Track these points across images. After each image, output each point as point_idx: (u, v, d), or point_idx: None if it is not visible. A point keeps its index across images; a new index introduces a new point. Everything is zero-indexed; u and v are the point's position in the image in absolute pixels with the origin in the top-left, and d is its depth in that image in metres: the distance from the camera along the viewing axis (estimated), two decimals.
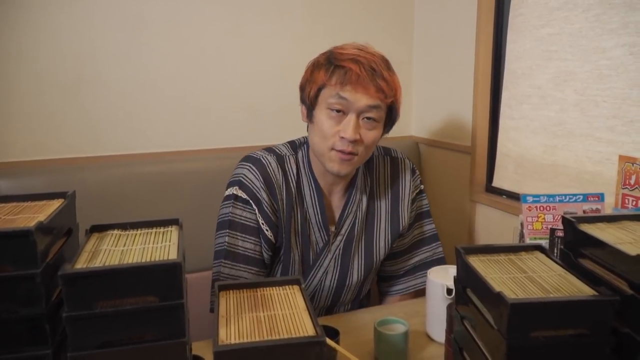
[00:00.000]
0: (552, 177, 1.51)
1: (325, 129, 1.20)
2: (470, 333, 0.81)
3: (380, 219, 1.37)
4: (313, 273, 1.32)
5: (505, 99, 1.68)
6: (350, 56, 1.18)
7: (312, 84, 1.22)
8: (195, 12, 1.78)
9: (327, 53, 1.24)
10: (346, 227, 1.32)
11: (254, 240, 1.27)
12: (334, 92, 1.17)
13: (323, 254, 1.32)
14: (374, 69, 1.18)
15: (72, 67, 1.66)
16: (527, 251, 0.87)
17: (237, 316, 0.75)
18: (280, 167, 1.28)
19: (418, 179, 1.43)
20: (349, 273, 1.34)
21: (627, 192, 1.11)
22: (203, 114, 1.85)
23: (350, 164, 1.23)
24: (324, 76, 1.19)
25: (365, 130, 1.20)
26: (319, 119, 1.21)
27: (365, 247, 1.35)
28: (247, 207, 1.26)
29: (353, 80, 1.16)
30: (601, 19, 1.29)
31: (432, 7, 2.00)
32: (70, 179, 1.64)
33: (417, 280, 1.43)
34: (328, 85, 1.19)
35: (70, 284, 0.65)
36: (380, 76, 1.18)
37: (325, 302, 1.36)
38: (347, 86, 1.16)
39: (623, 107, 1.26)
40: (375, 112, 1.20)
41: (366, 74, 1.16)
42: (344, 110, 1.18)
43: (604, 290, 0.70)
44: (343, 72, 1.17)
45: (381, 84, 1.17)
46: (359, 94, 1.17)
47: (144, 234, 0.82)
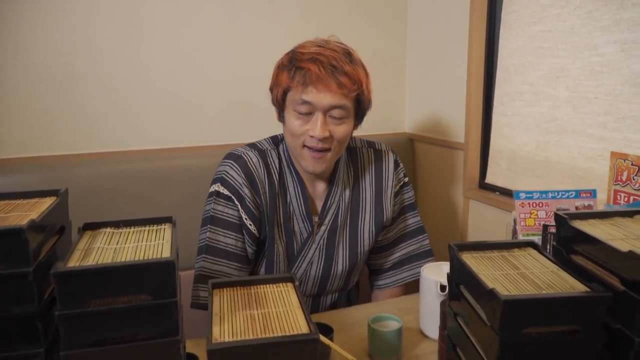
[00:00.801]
0: (544, 173, 1.52)
1: (294, 129, 1.21)
2: (464, 329, 0.81)
3: (365, 209, 1.37)
4: (298, 263, 1.33)
5: (498, 95, 1.68)
6: (310, 56, 1.18)
7: (278, 87, 1.23)
8: (190, 9, 1.77)
9: (290, 53, 1.24)
10: (329, 217, 1.33)
11: (235, 236, 1.28)
12: (298, 95, 1.18)
13: (307, 245, 1.33)
14: (334, 65, 1.17)
15: (66, 63, 1.65)
16: (519, 248, 0.87)
17: (230, 314, 0.75)
18: (262, 161, 1.30)
19: (402, 172, 1.44)
20: (333, 263, 1.35)
21: (619, 188, 1.12)
22: (197, 111, 1.84)
23: (324, 160, 1.24)
24: (287, 78, 1.20)
25: (334, 126, 1.21)
26: (288, 121, 1.23)
27: (350, 237, 1.36)
28: (229, 204, 1.28)
29: (314, 80, 1.16)
30: (593, 15, 1.30)
31: (425, 4, 2.01)
32: (63, 175, 1.64)
33: (404, 274, 1.44)
34: (292, 87, 1.19)
35: (63, 283, 0.65)
36: (342, 72, 1.17)
37: (311, 291, 1.38)
38: (308, 87, 1.17)
39: (615, 104, 1.27)
40: (341, 110, 1.20)
41: (326, 72, 1.16)
42: (310, 111, 1.20)
43: (596, 287, 0.70)
44: (303, 73, 1.17)
45: (342, 80, 1.17)
46: (321, 94, 1.17)
47: (137, 231, 0.82)
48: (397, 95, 2.17)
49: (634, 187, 1.08)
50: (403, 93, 2.17)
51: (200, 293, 1.25)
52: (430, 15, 1.98)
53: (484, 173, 1.80)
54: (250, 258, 1.32)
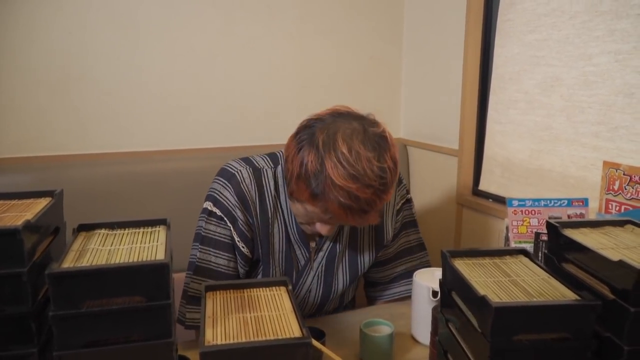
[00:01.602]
0: (538, 181, 1.53)
1: (300, 216, 1.17)
2: (455, 336, 0.82)
3: (364, 233, 1.32)
4: (296, 291, 1.29)
5: (492, 103, 1.69)
6: (342, 194, 1.00)
7: (296, 188, 1.08)
8: (185, 12, 1.77)
9: (317, 165, 1.02)
10: (328, 243, 1.28)
11: (227, 257, 1.24)
12: (316, 213, 1.09)
13: (305, 272, 1.28)
14: (365, 210, 1.03)
15: (61, 65, 1.65)
16: (511, 255, 0.88)
17: (223, 317, 0.75)
18: (256, 182, 1.23)
19: (404, 189, 1.38)
20: (333, 288, 1.31)
21: (611, 198, 1.13)
22: (192, 114, 1.84)
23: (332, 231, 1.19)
24: (309, 198, 1.06)
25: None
26: (297, 207, 1.14)
27: (350, 261, 1.32)
28: (221, 223, 1.23)
29: (346, 214, 1.04)
30: (588, 26, 1.31)
31: (421, 10, 2.02)
32: (58, 176, 1.64)
33: (402, 287, 1.41)
34: (311, 205, 1.07)
35: (57, 283, 0.65)
36: (373, 203, 1.03)
37: (309, 312, 1.35)
38: (340, 217, 1.06)
39: (608, 114, 1.28)
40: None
41: (356, 217, 1.05)
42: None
43: (586, 295, 0.71)
44: (330, 212, 1.05)
45: (371, 212, 1.05)
46: (347, 219, 1.06)
47: (132, 233, 0.82)
48: (393, 100, 2.18)
49: (626, 197, 1.10)
50: (398, 99, 2.18)
51: (186, 314, 1.21)
52: (427, 21, 1.99)
53: (478, 180, 1.81)
54: (241, 277, 1.28)
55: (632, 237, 0.85)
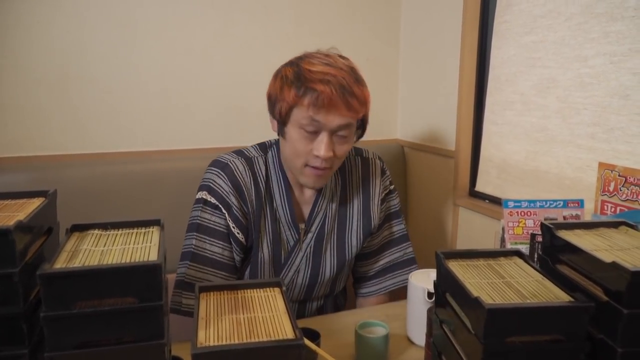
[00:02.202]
0: (534, 182, 1.53)
1: (299, 146, 1.21)
2: (449, 337, 0.82)
3: (353, 217, 1.38)
4: (285, 272, 1.32)
5: (489, 104, 1.70)
6: (320, 76, 1.16)
7: (283, 102, 1.20)
8: (183, 12, 1.77)
9: (295, 67, 1.21)
10: (316, 225, 1.33)
11: (222, 245, 1.27)
12: (307, 114, 1.17)
13: (294, 252, 1.32)
14: (344, 86, 1.16)
15: (59, 65, 1.65)
16: (505, 256, 0.87)
17: (216, 318, 0.75)
18: (249, 169, 1.29)
19: (388, 180, 1.45)
20: (321, 270, 1.35)
21: (606, 199, 1.13)
22: (189, 114, 1.84)
23: (325, 177, 1.25)
24: (296, 96, 1.17)
25: (338, 145, 1.22)
26: (291, 137, 1.21)
27: (337, 244, 1.36)
28: (216, 212, 1.27)
29: (325, 103, 1.15)
30: (583, 27, 1.31)
31: (418, 12, 2.02)
32: (56, 176, 1.64)
33: (388, 282, 1.44)
34: (300, 105, 1.18)
35: (48, 284, 0.65)
36: (350, 93, 1.17)
37: (297, 297, 1.37)
38: (320, 110, 1.16)
39: (603, 115, 1.28)
40: (347, 129, 1.21)
41: (337, 94, 1.15)
42: (317, 130, 1.19)
43: (580, 297, 0.71)
44: (315, 95, 1.15)
45: (352, 102, 1.17)
46: (331, 116, 1.17)
47: (125, 234, 0.82)
48: (390, 102, 2.18)
49: (621, 198, 1.10)
50: (395, 100, 2.18)
51: (182, 300, 1.22)
52: (423, 23, 1.99)
53: (474, 181, 1.81)
54: (237, 267, 1.31)
55: (626, 238, 0.85)
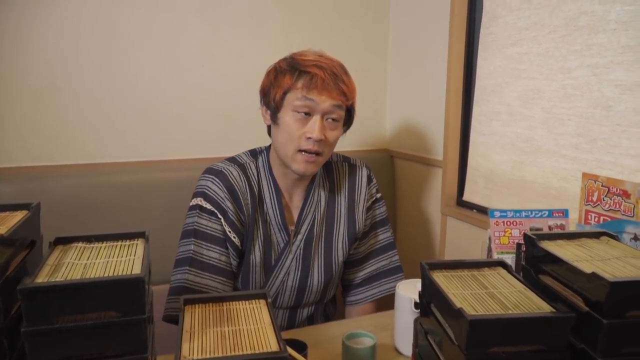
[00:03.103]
0: (520, 192, 1.54)
1: (292, 130, 1.25)
2: (434, 348, 0.82)
3: (340, 221, 1.41)
4: (275, 273, 1.35)
5: (476, 114, 1.71)
6: (313, 62, 1.26)
7: (277, 88, 1.27)
8: (171, 22, 1.78)
9: (288, 59, 1.29)
10: (305, 227, 1.36)
11: (219, 250, 1.29)
12: (301, 94, 1.23)
13: (284, 254, 1.35)
14: (335, 73, 1.26)
15: (44, 75, 1.64)
16: (489, 267, 0.88)
17: (201, 331, 0.75)
18: (243, 174, 1.33)
19: (374, 188, 1.48)
20: (310, 273, 1.37)
21: (590, 209, 1.14)
22: (178, 124, 1.84)
23: (316, 163, 1.28)
24: (290, 81, 1.25)
25: (328, 130, 1.27)
26: (285, 121, 1.26)
27: (325, 248, 1.39)
28: (212, 218, 1.29)
29: (319, 84, 1.23)
30: (567, 40, 1.33)
31: (406, 23, 2.04)
32: (41, 187, 1.62)
33: (374, 290, 1.46)
34: (294, 89, 1.24)
35: (29, 299, 0.64)
36: (341, 80, 1.26)
37: (288, 302, 1.39)
38: (313, 90, 1.23)
39: (587, 126, 1.30)
40: (338, 113, 1.27)
41: (329, 78, 1.24)
42: (310, 112, 1.25)
43: (561, 307, 0.72)
44: (309, 77, 1.23)
45: (342, 87, 1.26)
46: (323, 96, 1.23)
47: (109, 247, 0.82)
48: (378, 112, 2.19)
49: (604, 208, 1.11)
50: (384, 110, 2.19)
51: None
52: (411, 34, 2.01)
53: (462, 190, 1.82)
54: (234, 272, 1.33)
55: (606, 249, 0.86)
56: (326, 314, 1.51)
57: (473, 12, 1.72)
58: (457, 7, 1.73)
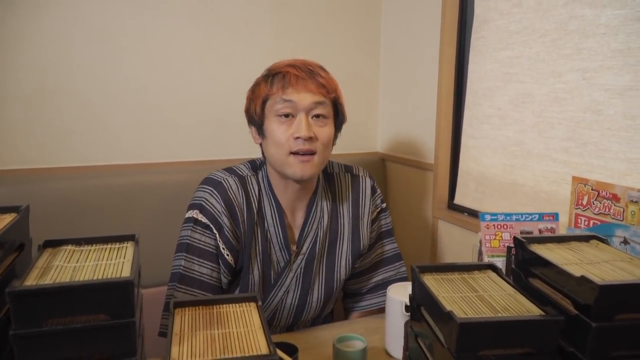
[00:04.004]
0: (511, 195, 1.55)
1: (278, 135, 1.21)
2: (424, 351, 0.82)
3: (343, 237, 1.36)
4: (274, 292, 1.30)
5: (467, 118, 1.72)
6: (286, 63, 1.24)
7: (256, 100, 1.25)
8: (163, 25, 1.77)
9: (264, 71, 1.29)
10: (307, 246, 1.32)
11: (211, 266, 1.25)
12: (279, 97, 1.20)
13: (284, 273, 1.30)
14: (311, 69, 1.23)
15: (35, 78, 1.64)
16: (480, 270, 0.88)
17: (191, 334, 0.74)
18: (242, 188, 1.28)
19: (379, 198, 1.44)
20: (309, 292, 1.33)
21: (580, 212, 1.15)
22: (169, 127, 1.84)
23: (311, 165, 1.22)
24: (265, 88, 1.23)
25: (317, 128, 1.22)
26: (271, 129, 1.22)
27: (327, 266, 1.35)
28: (207, 232, 1.25)
29: (293, 81, 1.20)
30: (557, 44, 1.34)
31: (397, 28, 2.04)
32: (32, 190, 1.61)
33: (380, 298, 1.43)
34: (271, 94, 1.22)
35: (18, 302, 0.64)
36: (317, 74, 1.23)
37: (286, 321, 1.35)
38: (288, 89, 1.20)
39: (577, 130, 1.31)
40: (322, 108, 1.23)
41: (304, 73, 1.21)
42: (292, 112, 1.21)
43: (550, 310, 0.72)
44: (282, 76, 1.21)
45: (320, 80, 1.22)
46: (302, 94, 1.20)
47: (99, 249, 0.81)
48: (370, 115, 2.19)
49: (594, 212, 1.12)
50: (376, 114, 2.20)
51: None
52: (403, 38, 2.02)
53: (453, 194, 1.83)
54: (224, 288, 1.29)
55: (596, 252, 0.86)
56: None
57: (464, 16, 1.73)
58: (448, 11, 1.74)
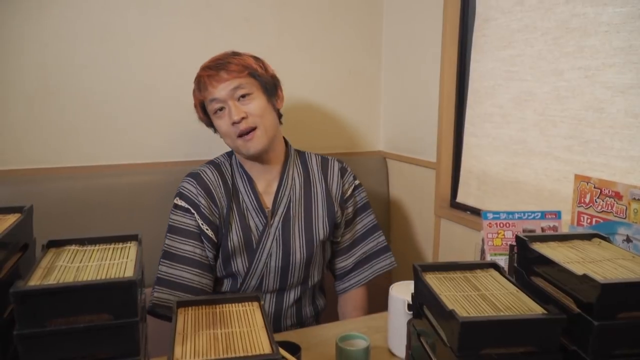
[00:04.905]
0: (513, 194, 1.55)
1: (222, 128, 1.39)
2: (426, 349, 0.82)
3: (317, 204, 1.49)
4: (257, 257, 1.41)
5: (469, 116, 1.72)
6: (202, 66, 1.42)
7: (197, 107, 1.44)
8: (164, 24, 1.77)
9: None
10: (282, 208, 1.45)
11: (192, 243, 1.40)
12: (207, 100, 1.38)
13: (264, 237, 1.42)
14: (218, 62, 1.38)
15: (37, 78, 1.64)
16: (482, 269, 0.89)
17: (194, 333, 0.75)
18: (217, 172, 1.47)
19: (351, 176, 1.58)
20: (291, 251, 1.43)
21: (582, 210, 1.15)
22: (170, 127, 1.84)
23: (256, 139, 1.38)
24: (197, 95, 1.42)
25: (246, 105, 1.37)
26: (217, 126, 1.42)
27: (305, 225, 1.46)
28: (186, 214, 1.41)
29: (207, 82, 1.36)
30: (559, 42, 1.34)
31: (400, 26, 2.04)
32: (33, 190, 1.62)
33: (365, 273, 1.57)
34: (202, 99, 1.40)
35: (22, 302, 0.64)
36: (226, 63, 1.37)
37: (273, 285, 1.45)
38: (207, 89, 1.37)
39: (579, 128, 1.30)
40: (242, 88, 1.37)
41: (212, 70, 1.37)
42: (222, 105, 1.37)
43: (553, 309, 0.72)
44: (199, 82, 1.40)
45: (230, 67, 1.36)
46: (218, 88, 1.35)
47: (102, 249, 0.82)
48: (372, 114, 2.19)
49: (596, 210, 1.12)
50: (377, 112, 2.20)
51: (155, 294, 1.35)
52: (405, 37, 2.01)
53: (455, 192, 1.83)
54: (212, 265, 1.43)
55: (598, 250, 0.86)
56: (315, 305, 1.54)
57: (466, 14, 1.73)
58: (449, 10, 1.74)
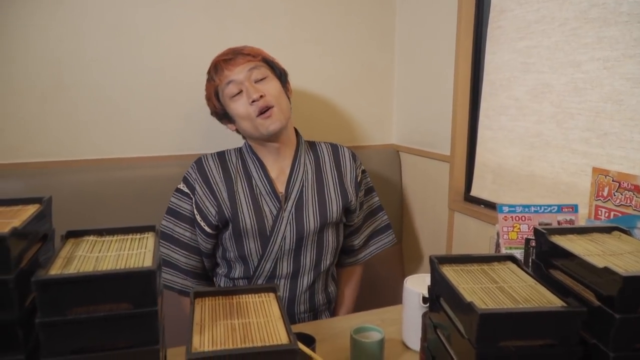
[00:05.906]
0: (529, 187, 1.53)
1: (240, 110, 1.42)
2: (443, 342, 0.82)
3: (329, 187, 1.53)
4: (272, 241, 1.45)
5: (483, 109, 1.70)
6: (215, 58, 1.47)
7: (211, 98, 1.48)
8: (177, 19, 1.77)
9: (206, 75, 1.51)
10: (295, 192, 1.48)
11: (184, 227, 1.49)
12: (223, 84, 1.42)
13: (278, 221, 1.45)
14: (234, 50, 1.45)
15: (53, 72, 1.65)
16: (499, 261, 0.88)
17: (211, 323, 0.75)
18: (218, 159, 1.51)
19: (359, 161, 1.64)
20: (305, 228, 1.47)
21: (600, 204, 1.14)
22: (184, 120, 1.84)
23: (275, 116, 1.41)
24: (211, 84, 1.46)
25: (263, 86, 1.41)
26: (233, 109, 1.43)
27: (320, 209, 1.50)
28: (185, 198, 1.49)
29: (223, 65, 1.42)
30: (577, 33, 1.32)
31: (413, 18, 2.03)
32: (49, 182, 1.63)
33: (369, 249, 1.70)
34: (217, 85, 1.44)
35: (43, 290, 0.65)
36: (241, 50, 1.44)
37: (287, 269, 1.48)
38: (224, 72, 1.41)
39: (597, 120, 1.29)
40: (258, 72, 1.42)
41: (230, 55, 1.43)
42: (239, 88, 1.41)
43: (572, 302, 0.71)
44: (215, 68, 1.44)
45: (245, 52, 1.44)
46: (235, 70, 1.41)
47: (120, 240, 0.82)
48: (385, 107, 2.18)
49: (615, 203, 1.10)
50: (390, 105, 2.19)
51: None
52: (418, 28, 2.00)
53: (470, 186, 1.82)
54: (203, 250, 1.50)
55: (618, 243, 0.85)
56: (327, 293, 1.57)
57: (481, 5, 1.71)
58: (464, 1, 1.72)
